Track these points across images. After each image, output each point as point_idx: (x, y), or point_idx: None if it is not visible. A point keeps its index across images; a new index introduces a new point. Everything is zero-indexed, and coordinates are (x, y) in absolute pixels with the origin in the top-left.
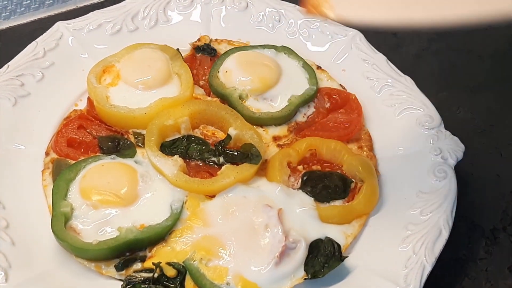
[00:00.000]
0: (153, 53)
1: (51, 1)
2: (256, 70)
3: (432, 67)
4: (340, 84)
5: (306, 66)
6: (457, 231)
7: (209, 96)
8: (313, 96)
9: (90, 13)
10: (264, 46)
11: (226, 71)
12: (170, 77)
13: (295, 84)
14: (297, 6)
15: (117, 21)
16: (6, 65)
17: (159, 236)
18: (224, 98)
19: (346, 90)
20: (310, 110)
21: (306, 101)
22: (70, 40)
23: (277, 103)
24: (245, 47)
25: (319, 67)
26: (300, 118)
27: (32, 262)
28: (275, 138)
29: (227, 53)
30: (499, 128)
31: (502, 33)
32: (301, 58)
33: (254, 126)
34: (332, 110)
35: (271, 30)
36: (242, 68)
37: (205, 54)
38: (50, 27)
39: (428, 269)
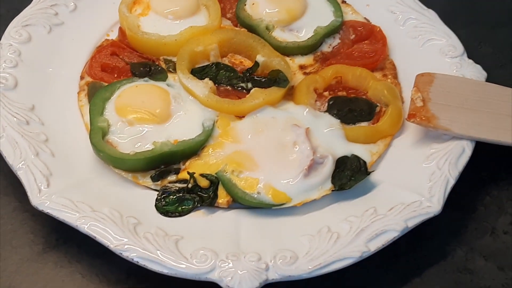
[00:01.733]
0: None
1: None
2: (283, 2)
3: (454, 4)
4: (365, 18)
5: (331, 0)
6: (480, 152)
7: (236, 27)
8: (339, 27)
9: None
10: None
11: (253, 3)
12: (199, 8)
13: (321, 16)
14: None
15: None
16: None
17: (193, 150)
18: (251, 29)
19: (370, 23)
20: (335, 41)
21: (331, 32)
22: None
23: (303, 34)
24: None
25: (344, 1)
26: (326, 48)
27: (72, 172)
28: (301, 67)
29: None
30: None
31: None
32: None
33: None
34: (357, 41)
35: None
36: (269, 0)
37: None
38: None
39: (452, 182)
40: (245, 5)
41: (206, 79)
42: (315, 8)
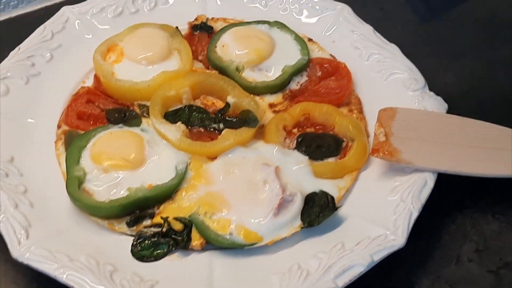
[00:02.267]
0: (154, 31)
1: None
2: (251, 43)
3: (417, 36)
4: (331, 54)
5: (298, 38)
6: (443, 181)
7: (207, 69)
8: (305, 65)
9: None
10: (257, 22)
11: (223, 46)
12: (171, 52)
13: (288, 55)
14: None
15: (119, 3)
16: (17, 48)
17: (166, 194)
18: (222, 71)
19: (336, 59)
20: (303, 79)
21: (298, 70)
22: (76, 23)
23: (272, 73)
24: (240, 23)
25: (310, 39)
26: (294, 86)
27: (50, 221)
28: (271, 105)
29: (224, 29)
30: (482, 90)
31: (483, 2)
32: (293, 31)
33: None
34: (324, 78)
35: (264, 7)
36: (238, 42)
37: (202, 32)
38: (56, 13)
39: (415, 214)
40: (215, 47)
41: (179, 123)
42: (282, 47)
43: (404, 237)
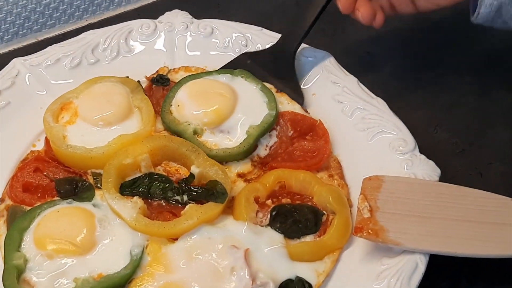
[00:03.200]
0: (113, 87)
1: (9, 36)
2: (209, 101)
3: (408, 86)
4: (303, 107)
5: (264, 89)
6: (436, 262)
7: None
8: (273, 123)
9: (48, 48)
10: (219, 72)
11: (178, 105)
12: (131, 111)
13: (253, 110)
14: (264, 30)
15: (77, 54)
16: None
17: (118, 285)
18: (179, 135)
19: (309, 113)
20: (272, 140)
21: (265, 130)
22: (27, 77)
23: (235, 135)
24: (199, 74)
25: (278, 90)
26: (262, 151)
27: None
28: (240, 175)
29: (179, 83)
30: (478, 146)
31: (479, 49)
32: (259, 81)
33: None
34: (296, 137)
35: (237, 54)
36: (195, 100)
37: (158, 85)
38: (7, 63)
39: None
40: (171, 106)
41: (135, 198)
42: (247, 101)
43: None
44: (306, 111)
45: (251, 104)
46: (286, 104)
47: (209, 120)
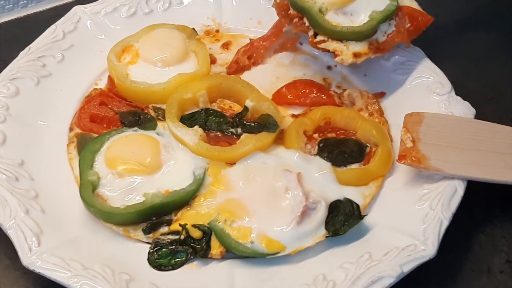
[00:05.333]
0: (170, 33)
1: None
2: None
3: (441, 39)
4: (420, 5)
5: None
6: (472, 190)
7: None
8: (394, 12)
9: None
10: None
11: None
12: (188, 54)
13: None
14: None
15: (132, 4)
16: (27, 47)
17: (184, 200)
18: (304, 12)
19: (426, 13)
20: (390, 28)
21: (387, 17)
22: (88, 23)
23: (357, 18)
24: None
25: None
26: (381, 36)
27: (62, 229)
28: (356, 55)
29: None
30: (509, 96)
31: (508, 6)
32: None
33: (335, 41)
34: (413, 32)
35: None
36: None
37: None
38: (67, 13)
39: (446, 223)
40: None
41: (196, 127)
42: None
43: (435, 247)
44: (423, 8)
45: None
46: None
47: (335, 0)
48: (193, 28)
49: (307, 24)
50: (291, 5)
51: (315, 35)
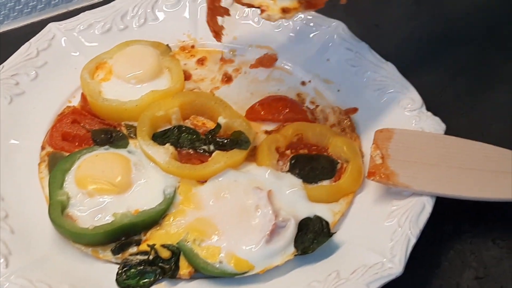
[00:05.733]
0: (144, 49)
1: (42, 6)
2: None
3: (414, 53)
4: None
5: None
6: (440, 205)
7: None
8: None
9: (81, 14)
10: None
11: None
12: (161, 71)
13: None
14: None
15: (107, 20)
16: (1, 66)
17: (153, 219)
18: None
19: None
20: None
21: None
22: (63, 40)
23: None
24: None
25: None
26: None
27: (31, 249)
28: (284, 10)
29: None
30: (480, 109)
31: (480, 20)
32: None
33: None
34: None
35: (257, 24)
36: None
37: None
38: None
39: (413, 240)
40: None
41: (167, 145)
42: None
43: (401, 264)
44: None
45: None
46: None
47: None
48: (167, 45)
49: None
50: None
51: None
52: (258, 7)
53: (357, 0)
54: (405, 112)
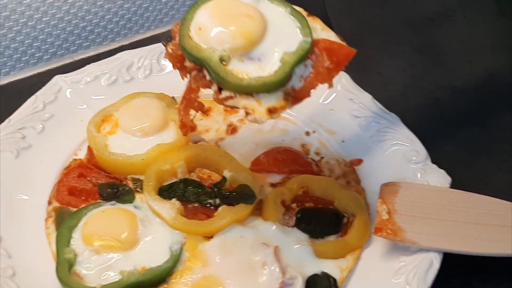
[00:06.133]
0: (150, 102)
1: (49, 56)
2: (237, 22)
3: (417, 103)
4: (338, 35)
5: (294, 13)
6: (449, 261)
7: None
8: (309, 50)
9: (87, 66)
10: None
11: (200, 28)
12: (167, 123)
13: (285, 36)
14: None
15: (113, 72)
16: (7, 119)
17: (160, 278)
18: (203, 64)
19: (344, 42)
20: (307, 71)
21: (302, 57)
22: (69, 92)
23: (267, 63)
24: None
25: (310, 14)
26: (297, 82)
27: None
28: (271, 111)
29: (197, 3)
30: (484, 159)
31: (483, 67)
32: (288, 3)
33: (243, 96)
34: (334, 69)
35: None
36: (218, 21)
37: None
38: (49, 80)
39: None
40: (189, 31)
41: (173, 200)
42: (277, 26)
43: None
44: (342, 39)
45: (282, 30)
46: (320, 31)
47: (238, 44)
48: (173, 97)
49: (208, 77)
50: (185, 57)
51: (220, 90)
52: (244, 110)
53: (360, 49)
54: (410, 164)
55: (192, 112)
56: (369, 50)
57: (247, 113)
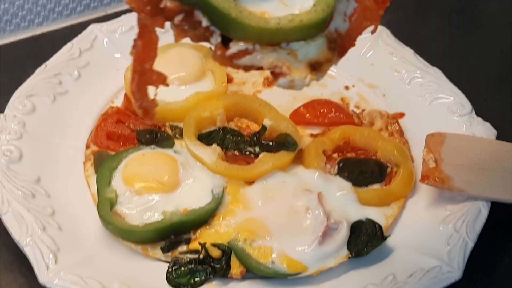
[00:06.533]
0: (187, 51)
1: (82, 8)
2: None
3: (458, 62)
4: None
5: None
6: (495, 209)
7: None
8: None
9: (122, 16)
10: None
11: None
12: (204, 73)
13: None
14: None
15: None
16: (43, 64)
17: (203, 218)
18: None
19: None
20: (350, 6)
21: None
22: (105, 41)
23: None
24: None
25: None
26: (341, 23)
27: (80, 246)
28: (314, 67)
29: None
30: None
31: None
32: None
33: (268, 47)
34: (381, 1)
35: None
36: None
37: None
38: (82, 31)
39: (471, 245)
40: None
41: (214, 145)
42: None
43: (460, 269)
44: None
45: None
46: None
47: None
48: (210, 48)
49: (204, 23)
50: None
51: (225, 41)
52: (271, 70)
53: (397, 10)
54: (454, 117)
55: (152, 88)
56: (405, 10)
57: (277, 74)
